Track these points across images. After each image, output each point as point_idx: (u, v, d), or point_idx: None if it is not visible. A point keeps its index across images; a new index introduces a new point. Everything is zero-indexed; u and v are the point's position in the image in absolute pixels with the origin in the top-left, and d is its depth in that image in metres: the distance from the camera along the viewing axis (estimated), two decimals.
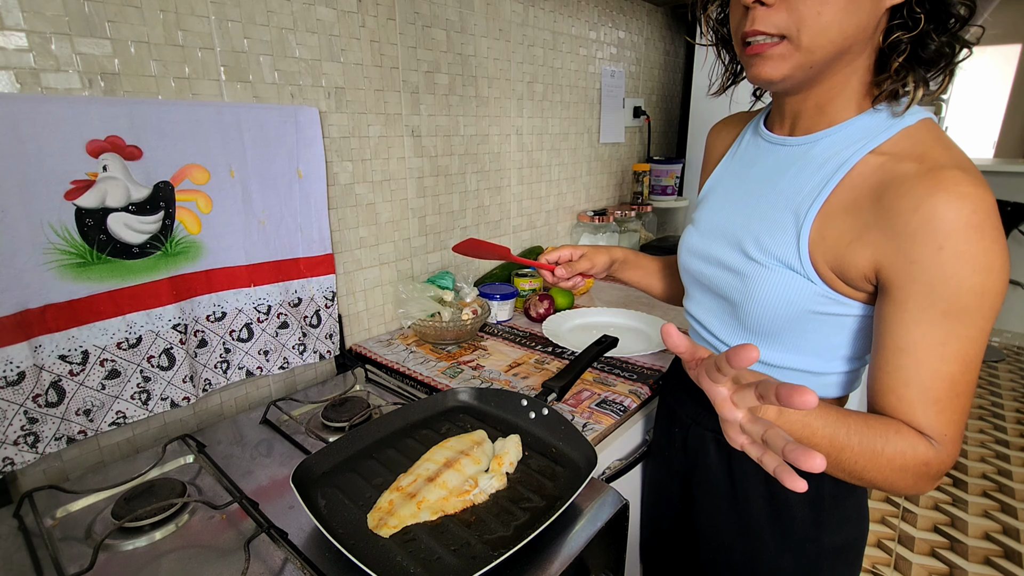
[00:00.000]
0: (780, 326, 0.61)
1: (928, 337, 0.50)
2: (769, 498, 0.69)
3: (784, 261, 0.58)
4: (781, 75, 0.55)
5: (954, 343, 0.49)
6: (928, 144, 0.52)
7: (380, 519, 0.61)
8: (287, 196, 0.97)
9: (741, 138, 0.73)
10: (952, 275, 0.48)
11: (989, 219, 0.47)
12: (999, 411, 2.55)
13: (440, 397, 0.88)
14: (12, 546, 0.63)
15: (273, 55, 0.93)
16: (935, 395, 0.50)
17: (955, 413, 0.51)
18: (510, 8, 1.38)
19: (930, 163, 0.50)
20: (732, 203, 0.68)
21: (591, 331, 1.19)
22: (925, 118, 0.55)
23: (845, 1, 0.50)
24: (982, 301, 0.48)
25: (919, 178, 0.49)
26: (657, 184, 2.00)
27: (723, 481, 0.73)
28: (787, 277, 0.58)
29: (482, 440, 0.75)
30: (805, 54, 0.53)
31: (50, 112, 0.69)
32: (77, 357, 0.76)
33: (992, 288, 0.48)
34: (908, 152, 0.52)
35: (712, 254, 0.68)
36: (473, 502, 0.64)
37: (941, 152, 0.51)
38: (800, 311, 0.59)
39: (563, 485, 0.67)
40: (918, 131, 0.54)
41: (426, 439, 0.77)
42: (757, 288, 0.61)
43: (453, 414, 0.85)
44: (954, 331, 0.49)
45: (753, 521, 0.71)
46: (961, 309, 0.48)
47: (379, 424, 0.80)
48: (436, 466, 0.68)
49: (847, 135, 0.57)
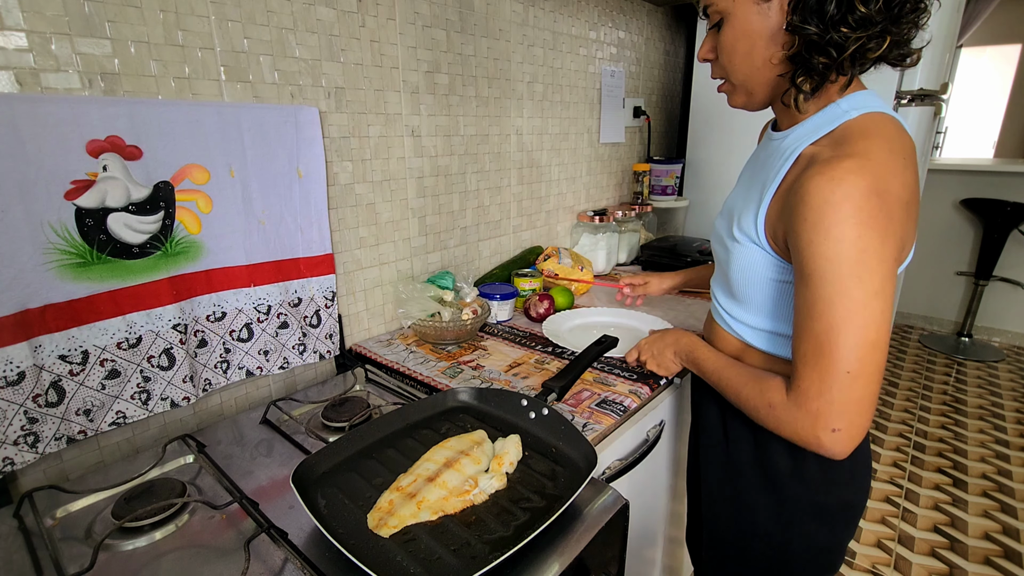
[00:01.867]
0: (753, 292, 0.72)
1: (802, 297, 0.60)
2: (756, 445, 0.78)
3: (750, 237, 0.69)
4: (739, 104, 0.74)
5: (819, 304, 0.57)
6: (850, 135, 0.60)
7: (380, 519, 0.61)
8: (287, 196, 0.97)
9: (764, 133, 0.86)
10: (808, 242, 0.57)
11: (850, 199, 0.54)
12: (999, 411, 2.55)
13: (440, 397, 0.88)
14: (12, 546, 0.63)
15: (273, 55, 0.93)
16: (802, 349, 0.60)
17: (816, 370, 0.58)
18: (510, 8, 1.38)
19: (837, 151, 0.58)
20: (739, 187, 0.80)
21: (591, 331, 1.19)
22: (871, 112, 0.62)
23: (744, 51, 0.66)
24: (834, 267, 0.56)
25: (819, 163, 0.58)
26: (657, 184, 2.00)
27: (718, 428, 0.84)
28: (752, 250, 0.69)
29: (482, 440, 0.75)
30: (741, 88, 0.71)
31: (50, 112, 0.69)
32: (77, 357, 0.76)
33: (843, 255, 0.55)
34: (833, 142, 0.61)
35: (719, 233, 0.79)
36: (473, 502, 0.64)
37: (855, 143, 0.58)
38: (764, 279, 0.70)
39: (563, 485, 0.68)
40: (853, 124, 0.61)
41: (426, 439, 0.77)
42: (735, 261, 0.72)
43: (453, 414, 0.85)
44: (816, 293, 0.57)
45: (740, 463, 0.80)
46: (817, 272, 0.57)
47: (379, 424, 0.80)
48: (436, 466, 0.68)
49: (806, 130, 0.67)
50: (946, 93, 1.67)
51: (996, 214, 2.96)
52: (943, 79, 1.74)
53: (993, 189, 3.09)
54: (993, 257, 3.07)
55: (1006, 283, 3.20)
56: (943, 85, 1.66)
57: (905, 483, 2.04)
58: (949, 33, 1.74)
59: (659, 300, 1.44)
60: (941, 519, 1.85)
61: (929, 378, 2.88)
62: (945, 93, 1.66)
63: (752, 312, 0.74)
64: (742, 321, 0.76)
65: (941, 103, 1.71)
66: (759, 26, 0.64)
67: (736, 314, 0.77)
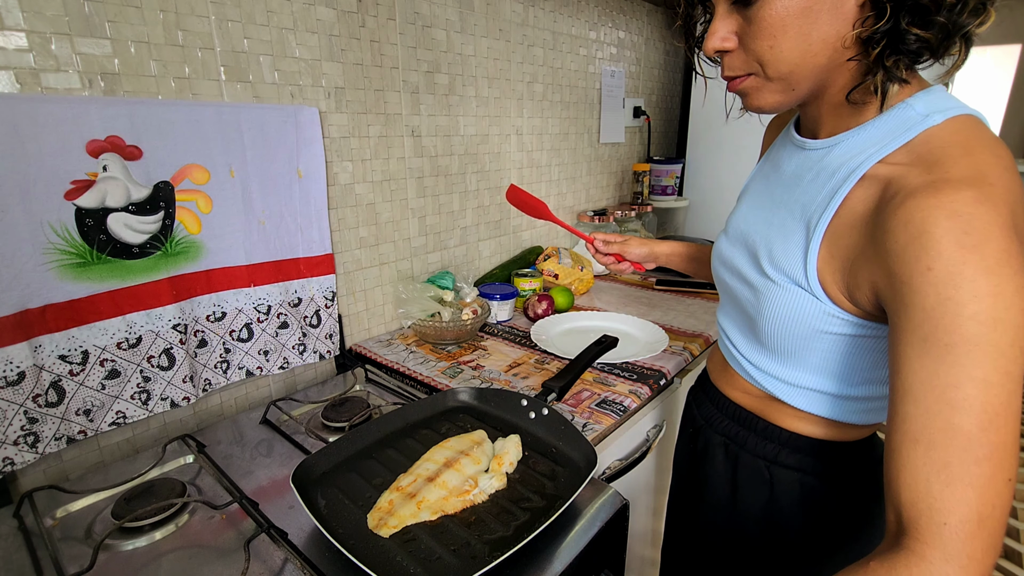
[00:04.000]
0: (794, 345, 0.57)
1: (934, 377, 0.40)
2: (768, 512, 0.66)
3: (792, 277, 0.55)
4: (771, 105, 0.54)
5: (968, 387, 0.39)
6: (947, 150, 0.45)
7: (380, 519, 0.61)
8: (287, 196, 0.97)
9: (777, 139, 0.69)
10: (947, 299, 0.39)
11: (989, 242, 0.39)
12: None
13: (440, 397, 0.88)
14: (12, 546, 0.63)
15: (273, 55, 0.93)
16: (944, 457, 0.39)
17: (969, 489, 0.39)
18: (510, 8, 1.38)
19: (939, 172, 0.43)
20: (756, 208, 0.65)
21: (587, 335, 1.19)
22: (959, 115, 0.47)
23: (797, 26, 0.47)
24: (993, 334, 0.38)
25: (919, 190, 0.43)
26: (657, 184, 2.00)
27: (725, 485, 0.71)
28: (796, 295, 0.55)
29: (482, 440, 0.75)
30: (779, 83, 0.52)
31: (50, 112, 0.69)
32: (77, 357, 0.76)
33: (1005, 318, 0.38)
34: (922, 159, 0.45)
35: (734, 264, 0.65)
36: (473, 502, 0.64)
37: (958, 160, 0.43)
38: (810, 330, 0.55)
39: (563, 485, 0.67)
40: (942, 133, 0.46)
41: (426, 439, 0.77)
42: (769, 306, 0.57)
43: (453, 414, 0.85)
44: (966, 371, 0.39)
45: (749, 532, 0.69)
46: (966, 341, 0.39)
47: (379, 424, 0.80)
48: (436, 466, 0.68)
49: (863, 140, 0.52)
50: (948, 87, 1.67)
51: None
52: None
53: None
54: None
55: None
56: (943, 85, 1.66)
57: None
58: None
59: (658, 300, 1.43)
60: None
61: None
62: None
63: (794, 367, 0.59)
64: (775, 376, 0.62)
65: None
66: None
67: (765, 367, 0.62)
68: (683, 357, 1.09)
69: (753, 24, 0.49)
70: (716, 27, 0.52)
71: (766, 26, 0.48)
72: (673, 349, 1.11)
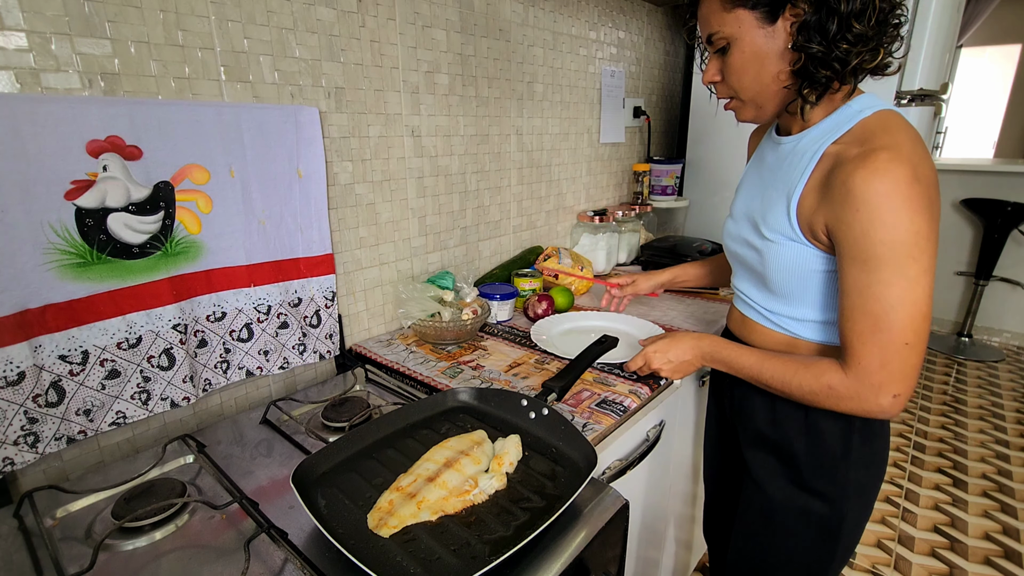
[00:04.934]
0: (795, 286, 0.76)
1: (856, 281, 0.65)
2: (806, 431, 0.80)
3: (784, 234, 0.74)
4: (750, 119, 0.78)
5: (875, 287, 0.63)
6: (872, 131, 0.66)
7: (380, 519, 0.61)
8: (287, 196, 0.97)
9: (763, 140, 0.89)
10: (864, 231, 0.62)
11: (898, 188, 0.60)
12: (999, 411, 2.55)
13: (440, 397, 0.88)
14: (12, 546, 0.63)
15: (273, 55, 0.93)
16: (859, 328, 0.66)
17: (877, 346, 0.65)
18: (510, 8, 1.38)
19: (867, 146, 0.64)
20: (752, 192, 0.84)
21: (583, 336, 1.19)
22: (882, 110, 0.68)
23: (753, 71, 0.71)
24: (892, 251, 0.61)
25: (854, 159, 0.63)
26: (657, 184, 2.00)
27: (766, 422, 0.85)
28: (790, 246, 0.74)
29: (482, 440, 0.75)
30: (751, 104, 0.75)
31: (50, 112, 0.69)
32: (77, 357, 0.76)
33: (899, 239, 0.61)
34: (857, 139, 0.66)
35: (741, 235, 0.84)
36: (473, 502, 0.64)
37: (880, 137, 0.64)
38: (806, 271, 0.74)
39: (563, 485, 0.67)
40: (870, 121, 0.67)
41: (426, 439, 0.77)
42: (772, 260, 0.77)
43: (453, 414, 0.85)
44: (873, 276, 0.63)
45: (794, 452, 0.82)
46: (875, 258, 0.62)
47: (379, 424, 0.80)
48: (436, 466, 0.68)
49: (821, 131, 0.73)
50: (946, 93, 1.67)
51: (996, 214, 2.96)
52: (943, 79, 1.74)
53: (993, 189, 3.09)
54: (993, 257, 3.07)
55: (1006, 283, 3.20)
56: (943, 85, 1.66)
57: (905, 483, 2.04)
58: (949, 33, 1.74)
59: (658, 300, 1.44)
60: (941, 519, 1.85)
61: (929, 378, 2.88)
62: (945, 93, 1.66)
63: (800, 306, 0.78)
64: (790, 316, 0.80)
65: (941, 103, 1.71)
66: (766, 47, 0.69)
67: (781, 310, 0.81)
68: None
69: (727, 67, 0.73)
70: (709, 68, 0.76)
71: (735, 69, 0.73)
72: None
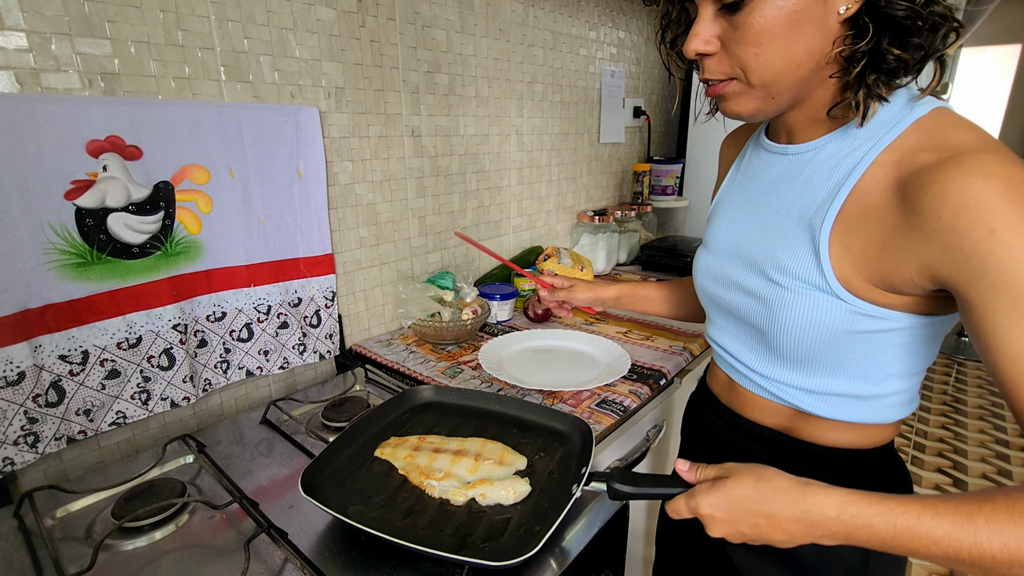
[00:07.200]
0: (816, 351, 0.55)
1: None
2: None
3: (807, 281, 0.53)
4: (749, 111, 0.54)
5: None
6: (944, 131, 0.47)
7: (391, 451, 0.70)
8: (287, 196, 0.97)
9: (745, 150, 0.70)
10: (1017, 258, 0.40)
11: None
12: (999, 411, 2.55)
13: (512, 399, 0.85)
14: (12, 546, 0.63)
15: (273, 55, 0.93)
16: None
17: None
18: (510, 8, 1.38)
19: (949, 150, 0.44)
20: (741, 219, 0.64)
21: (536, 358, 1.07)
22: (938, 107, 0.50)
23: (783, 35, 0.47)
24: None
25: (940, 166, 0.44)
26: (657, 184, 2.00)
27: None
28: (814, 298, 0.53)
29: (512, 463, 0.71)
30: (761, 90, 0.52)
31: (50, 112, 0.69)
32: (77, 357, 0.76)
33: None
34: (924, 143, 0.47)
35: (730, 277, 0.63)
36: (477, 500, 0.64)
37: (961, 136, 0.46)
38: (835, 333, 0.53)
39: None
40: (931, 120, 0.49)
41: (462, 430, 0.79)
42: (783, 314, 0.55)
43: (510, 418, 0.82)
44: None
45: (800, 557, 0.61)
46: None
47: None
48: (465, 447, 0.72)
49: (854, 136, 0.52)
50: (946, 93, 1.67)
51: None
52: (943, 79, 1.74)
53: None
54: None
55: None
56: (943, 85, 1.67)
57: None
58: None
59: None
60: None
61: (929, 378, 2.88)
62: (945, 93, 1.66)
63: (815, 375, 0.57)
64: (799, 387, 0.59)
65: None
66: (812, 8, 0.47)
67: (785, 378, 0.60)
68: (683, 357, 1.09)
69: (740, 30, 0.49)
70: (699, 29, 0.51)
71: (753, 33, 0.48)
72: (673, 349, 1.11)
